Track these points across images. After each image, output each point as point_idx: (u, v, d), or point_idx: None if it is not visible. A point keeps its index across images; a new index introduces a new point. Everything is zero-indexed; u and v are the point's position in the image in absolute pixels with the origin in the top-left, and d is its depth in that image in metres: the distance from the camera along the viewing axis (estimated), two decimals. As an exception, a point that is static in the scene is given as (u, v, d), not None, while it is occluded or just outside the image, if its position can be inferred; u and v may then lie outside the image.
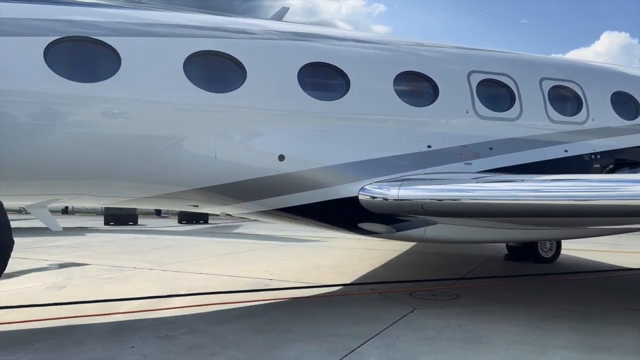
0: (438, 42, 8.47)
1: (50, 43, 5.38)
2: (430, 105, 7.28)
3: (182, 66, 5.92)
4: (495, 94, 7.87)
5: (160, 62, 5.94)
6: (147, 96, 5.78)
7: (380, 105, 7.06)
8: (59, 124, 5.40)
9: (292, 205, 6.62)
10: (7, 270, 5.03)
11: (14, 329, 5.82)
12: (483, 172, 7.20)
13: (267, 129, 6.30)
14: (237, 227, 22.63)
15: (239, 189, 6.37)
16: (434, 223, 6.76)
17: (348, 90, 6.75)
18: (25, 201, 6.33)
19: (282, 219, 7.71)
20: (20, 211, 27.81)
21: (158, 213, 31.83)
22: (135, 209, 24.27)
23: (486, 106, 7.60)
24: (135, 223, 25.13)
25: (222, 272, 9.94)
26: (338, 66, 6.84)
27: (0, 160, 5.03)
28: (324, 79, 6.97)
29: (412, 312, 6.58)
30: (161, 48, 6.03)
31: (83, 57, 5.73)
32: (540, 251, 11.17)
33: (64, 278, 9.28)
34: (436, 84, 7.35)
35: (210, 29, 6.61)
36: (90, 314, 6.51)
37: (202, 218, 25.57)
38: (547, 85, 8.16)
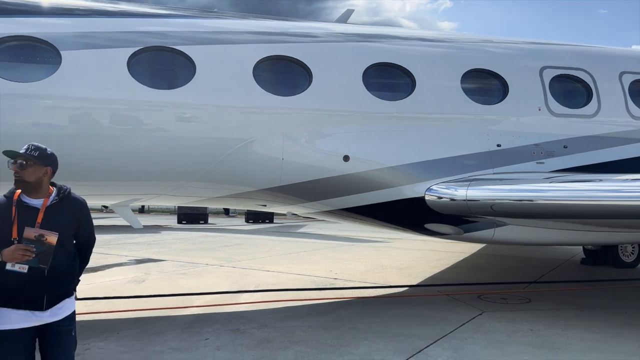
0: (508, 37, 8.22)
1: (133, 53, 5.79)
2: (500, 103, 7.08)
3: (251, 71, 6.15)
4: (570, 90, 7.52)
5: (231, 68, 6.20)
6: (219, 101, 6.06)
7: (447, 103, 6.97)
8: (142, 128, 5.80)
9: (357, 205, 6.68)
10: (93, 264, 5.47)
11: (101, 318, 6.31)
12: (557, 172, 6.91)
13: (333, 130, 6.41)
14: (302, 226, 23.00)
15: (305, 189, 6.52)
16: (503, 224, 6.58)
17: (414, 90, 6.72)
18: (111, 200, 6.84)
19: (347, 219, 7.80)
20: (101, 210, 29.83)
21: (226, 212, 32.96)
22: (205, 208, 25.30)
23: (560, 103, 7.29)
24: (206, 222, 26.18)
25: (288, 270, 10.19)
26: (403, 66, 6.82)
27: (92, 162, 5.49)
28: (389, 79, 6.98)
29: (480, 314, 6.44)
30: (232, 55, 6.29)
31: (162, 65, 6.10)
32: (621, 255, 10.50)
33: (143, 273, 9.89)
34: (506, 81, 7.14)
35: (277, 34, 6.81)
36: (168, 306, 6.93)
37: (267, 217, 26.22)
38: (628, 80, 7.68)
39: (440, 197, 6.27)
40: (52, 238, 2.69)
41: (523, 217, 6.39)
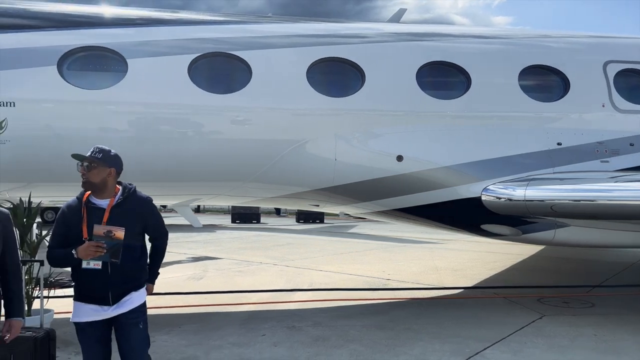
0: (567, 31, 7.91)
1: (193, 60, 6.03)
2: (560, 99, 6.83)
3: (305, 74, 6.26)
4: (637, 85, 7.15)
5: (286, 71, 6.34)
6: (274, 104, 6.21)
7: (504, 101, 6.81)
8: (202, 132, 6.04)
9: (411, 205, 6.65)
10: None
11: (164, 313, 6.61)
12: (623, 171, 6.59)
13: (386, 130, 6.41)
14: (353, 227, 23.00)
15: (358, 189, 6.56)
16: (565, 225, 6.35)
17: (469, 88, 6.61)
18: (173, 200, 7.16)
19: (401, 219, 7.77)
20: (160, 210, 31.04)
21: (278, 212, 33.42)
22: (258, 208, 25.79)
23: (626, 99, 6.94)
24: (258, 221, 26.66)
25: (340, 270, 10.25)
26: (457, 64, 6.73)
27: (156, 164, 5.78)
28: (443, 78, 6.90)
29: (540, 318, 6.25)
30: (286, 58, 6.43)
31: (219, 70, 6.32)
32: (695, 259, 9.85)
33: (201, 270, 10.26)
34: (566, 77, 6.88)
35: (329, 36, 6.89)
36: (225, 303, 7.16)
37: (318, 218, 26.35)
38: (703, 73, 7.21)
39: (498, 197, 6.14)
40: (120, 233, 2.84)
41: (585, 218, 6.15)
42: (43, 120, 5.68)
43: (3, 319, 2.88)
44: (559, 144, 6.61)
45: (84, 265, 2.82)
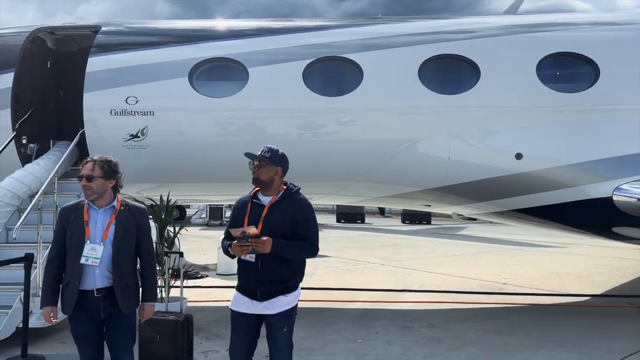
0: None
1: (307, 65, 6.29)
2: None
3: (416, 72, 6.23)
4: None
5: (397, 70, 6.35)
6: (385, 103, 6.26)
7: (637, 93, 6.18)
8: (316, 133, 6.29)
9: (531, 206, 6.31)
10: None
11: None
12: None
13: (503, 127, 6.15)
14: (462, 228, 22.23)
15: (473, 189, 6.37)
16: None
17: (597, 79, 6.10)
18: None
19: (520, 221, 7.40)
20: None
21: (382, 212, 33.34)
22: (362, 207, 25.97)
23: None
24: (363, 221, 26.84)
25: (451, 273, 10.00)
26: (582, 54, 6.24)
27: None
28: (566, 70, 6.46)
29: (685, 333, 5.60)
30: (396, 58, 6.44)
31: (332, 74, 6.52)
32: None
33: (312, 267, 10.58)
34: None
35: (440, 33, 6.76)
36: (337, 299, 7.35)
37: (425, 219, 25.84)
38: None
39: (632, 198, 5.60)
40: (252, 231, 2.89)
41: None
42: (177, 127, 6.29)
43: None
44: None
45: (242, 256, 2.95)
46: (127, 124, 6.19)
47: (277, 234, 2.93)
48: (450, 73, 6.45)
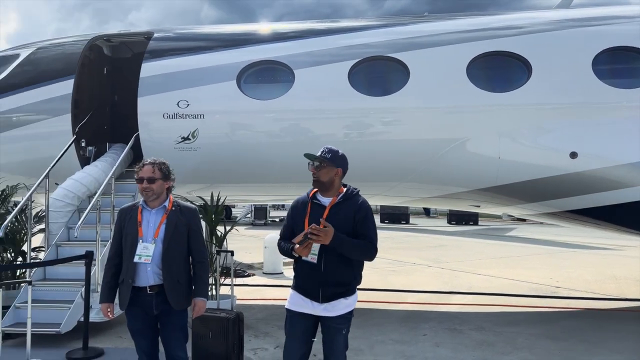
0: None
1: (352, 65, 6.30)
2: None
3: (464, 70, 6.12)
4: None
5: (444, 69, 6.26)
6: (432, 102, 6.18)
7: None
8: (361, 133, 6.29)
9: (587, 207, 6.06)
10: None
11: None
12: None
13: (557, 125, 5.94)
14: (511, 229, 21.61)
15: (524, 189, 6.19)
16: None
17: (657, 74, 5.79)
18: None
19: (573, 222, 7.12)
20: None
21: (427, 213, 32.89)
22: (407, 208, 25.70)
23: None
24: (407, 222, 26.54)
25: (500, 275, 9.74)
26: (640, 47, 5.95)
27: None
28: (623, 65, 6.16)
29: None
30: (444, 56, 6.34)
31: (378, 73, 6.50)
32: None
33: (357, 268, 10.57)
34: None
35: (489, 29, 6.59)
36: (384, 300, 7.31)
37: (471, 219, 25.28)
38: None
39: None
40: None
41: None
42: (225, 129, 6.45)
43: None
44: None
45: (304, 258, 2.91)
46: (178, 127, 6.40)
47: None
48: (499, 70, 6.29)
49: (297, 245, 2.88)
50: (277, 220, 26.83)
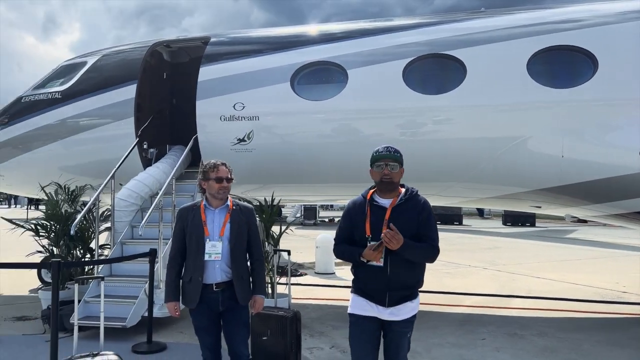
0: None
1: (407, 64, 6.22)
2: None
3: (525, 66, 5.90)
4: None
5: (502, 65, 6.06)
6: (490, 100, 6.00)
7: None
8: (416, 132, 6.20)
9: (660, 208, 5.70)
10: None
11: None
12: None
13: (626, 122, 5.62)
14: (571, 231, 20.67)
15: (590, 189, 5.89)
16: None
17: None
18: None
19: (643, 224, 6.71)
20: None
21: (480, 213, 32.00)
22: (460, 208, 25.11)
23: None
24: (460, 223, 25.93)
25: (561, 279, 9.33)
26: None
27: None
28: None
29: None
30: (502, 52, 6.14)
31: (433, 71, 6.38)
32: None
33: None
34: None
35: (551, 23, 6.33)
36: (439, 303, 7.17)
37: (528, 220, 24.35)
38: None
39: None
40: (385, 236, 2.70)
41: None
42: (280, 130, 6.54)
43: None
44: None
45: (373, 262, 2.82)
46: (234, 129, 6.55)
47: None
48: (562, 65, 6.01)
49: (368, 250, 2.75)
50: (327, 220, 26.92)
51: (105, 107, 7.14)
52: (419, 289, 3.02)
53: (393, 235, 2.69)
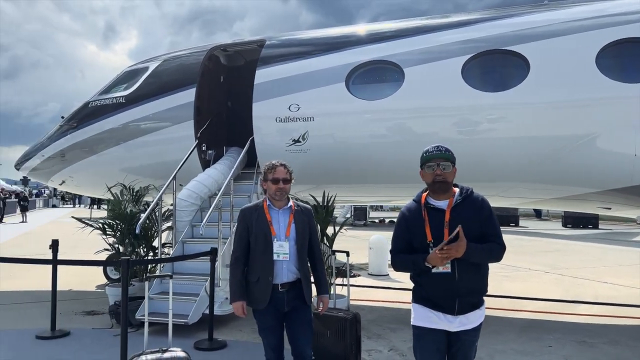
0: None
1: (466, 60, 6.04)
2: None
3: (594, 59, 5.60)
4: None
5: (570, 59, 5.77)
6: (556, 96, 5.73)
7: None
8: (476, 131, 6.00)
9: None
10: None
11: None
12: None
13: None
14: (637, 234, 19.49)
15: (666, 189, 5.52)
16: None
17: None
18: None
19: None
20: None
21: (538, 215, 30.76)
22: (516, 209, 24.24)
23: None
24: (517, 224, 25.02)
25: (630, 284, 8.80)
26: None
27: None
28: None
29: None
30: (569, 45, 5.84)
31: (494, 68, 6.16)
32: None
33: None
34: None
35: (622, 14, 5.96)
36: (500, 307, 6.93)
37: (591, 222, 23.15)
38: None
39: None
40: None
41: None
42: (335, 131, 6.52)
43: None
44: None
45: (434, 269, 2.67)
46: (290, 130, 6.60)
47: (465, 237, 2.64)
48: (635, 59, 5.66)
49: (433, 255, 2.60)
50: (377, 221, 26.71)
51: (166, 110, 7.38)
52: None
53: (456, 246, 2.56)
